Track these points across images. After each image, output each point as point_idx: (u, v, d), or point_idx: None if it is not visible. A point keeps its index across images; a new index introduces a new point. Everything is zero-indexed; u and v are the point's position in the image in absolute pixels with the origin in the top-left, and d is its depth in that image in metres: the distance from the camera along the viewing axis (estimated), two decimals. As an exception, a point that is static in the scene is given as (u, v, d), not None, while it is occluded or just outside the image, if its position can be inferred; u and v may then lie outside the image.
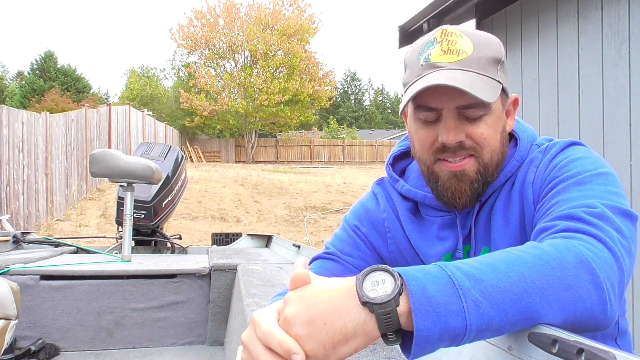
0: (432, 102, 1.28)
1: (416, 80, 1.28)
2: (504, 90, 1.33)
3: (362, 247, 1.51)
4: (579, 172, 1.21)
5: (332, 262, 1.48)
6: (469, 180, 1.32)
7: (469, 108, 1.27)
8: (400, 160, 1.60)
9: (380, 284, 0.88)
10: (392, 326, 0.86)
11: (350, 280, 0.90)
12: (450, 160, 1.31)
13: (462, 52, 1.28)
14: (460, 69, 1.26)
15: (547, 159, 1.32)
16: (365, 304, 0.87)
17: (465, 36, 1.31)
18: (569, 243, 0.99)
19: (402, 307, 0.86)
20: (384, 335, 0.89)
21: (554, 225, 1.09)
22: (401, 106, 1.35)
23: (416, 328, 0.84)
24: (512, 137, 1.43)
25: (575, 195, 1.15)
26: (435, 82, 1.22)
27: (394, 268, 0.90)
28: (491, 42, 1.33)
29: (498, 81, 1.29)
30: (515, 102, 1.42)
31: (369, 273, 0.90)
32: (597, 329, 0.97)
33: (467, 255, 1.39)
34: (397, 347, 1.19)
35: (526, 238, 1.29)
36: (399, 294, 0.86)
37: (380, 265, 0.90)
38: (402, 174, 1.58)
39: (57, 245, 4.41)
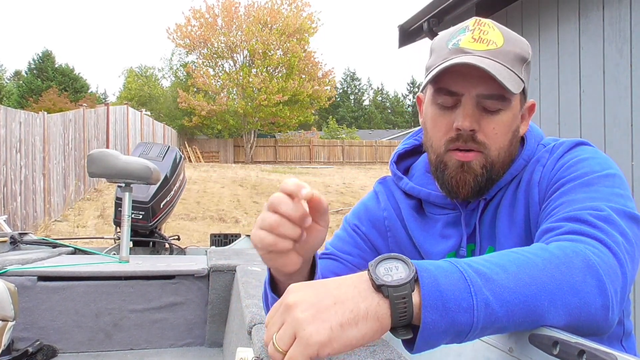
0: (453, 86, 1.28)
1: (441, 63, 1.28)
2: (524, 92, 1.34)
3: (362, 246, 1.50)
4: (586, 172, 1.21)
5: (330, 260, 1.47)
6: (474, 174, 1.31)
7: (490, 98, 1.27)
8: (405, 159, 1.60)
9: (394, 270, 0.86)
10: (405, 314, 0.84)
11: (361, 272, 0.89)
12: (460, 149, 1.31)
13: (492, 42, 1.29)
14: (489, 58, 1.26)
15: (554, 158, 1.31)
16: (380, 287, 0.84)
17: (498, 29, 1.32)
18: (576, 247, 0.99)
19: (415, 296, 0.85)
20: (394, 329, 0.86)
21: (560, 227, 1.08)
22: (422, 86, 1.36)
23: (423, 321, 0.83)
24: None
25: (581, 197, 1.15)
26: (464, 61, 1.23)
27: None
28: (521, 41, 1.34)
29: (522, 79, 1.30)
30: (532, 108, 1.42)
31: (381, 260, 0.88)
32: (597, 333, 0.97)
33: (470, 254, 1.38)
34: (398, 349, 1.19)
35: (531, 238, 1.29)
36: (415, 280, 0.85)
37: (393, 254, 0.89)
38: (406, 172, 1.57)
39: (54, 246, 4.40)
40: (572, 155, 1.29)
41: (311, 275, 1.16)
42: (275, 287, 1.21)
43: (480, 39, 1.29)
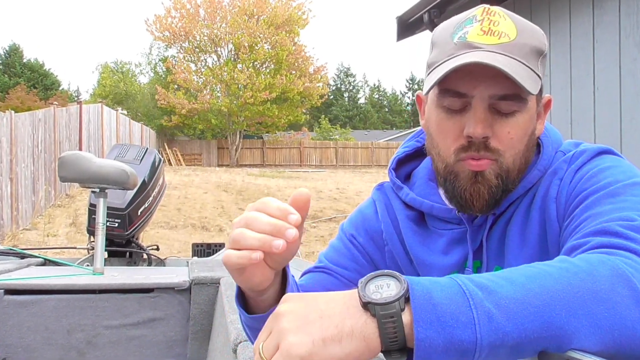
0: (462, 87, 1.23)
1: (447, 60, 1.23)
2: (540, 89, 1.28)
3: (359, 259, 1.47)
4: (610, 182, 1.17)
5: (324, 274, 1.45)
6: (488, 185, 1.26)
7: (504, 99, 1.22)
8: (405, 164, 1.54)
9: (384, 287, 0.86)
10: (395, 335, 0.83)
11: (353, 290, 0.89)
12: (473, 158, 1.26)
13: (505, 35, 1.23)
14: (501, 53, 1.21)
15: (572, 170, 1.27)
16: (367, 304, 0.84)
17: (509, 19, 1.27)
18: (604, 257, 0.95)
19: (405, 316, 0.84)
20: (387, 353, 0.85)
21: (586, 242, 1.04)
22: (425, 88, 1.29)
23: (416, 337, 0.82)
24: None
25: (607, 208, 1.10)
26: (475, 60, 1.17)
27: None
28: (536, 31, 1.29)
29: (538, 75, 1.25)
30: (548, 104, 1.38)
31: (373, 278, 0.88)
32: None
33: (476, 272, 1.34)
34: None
35: (547, 259, 1.25)
36: (405, 297, 0.84)
37: (386, 271, 0.88)
38: (407, 178, 1.52)
39: (22, 256, 4.39)
40: (592, 165, 1.25)
41: (282, 290, 1.16)
42: (245, 302, 1.20)
43: (490, 31, 1.24)
